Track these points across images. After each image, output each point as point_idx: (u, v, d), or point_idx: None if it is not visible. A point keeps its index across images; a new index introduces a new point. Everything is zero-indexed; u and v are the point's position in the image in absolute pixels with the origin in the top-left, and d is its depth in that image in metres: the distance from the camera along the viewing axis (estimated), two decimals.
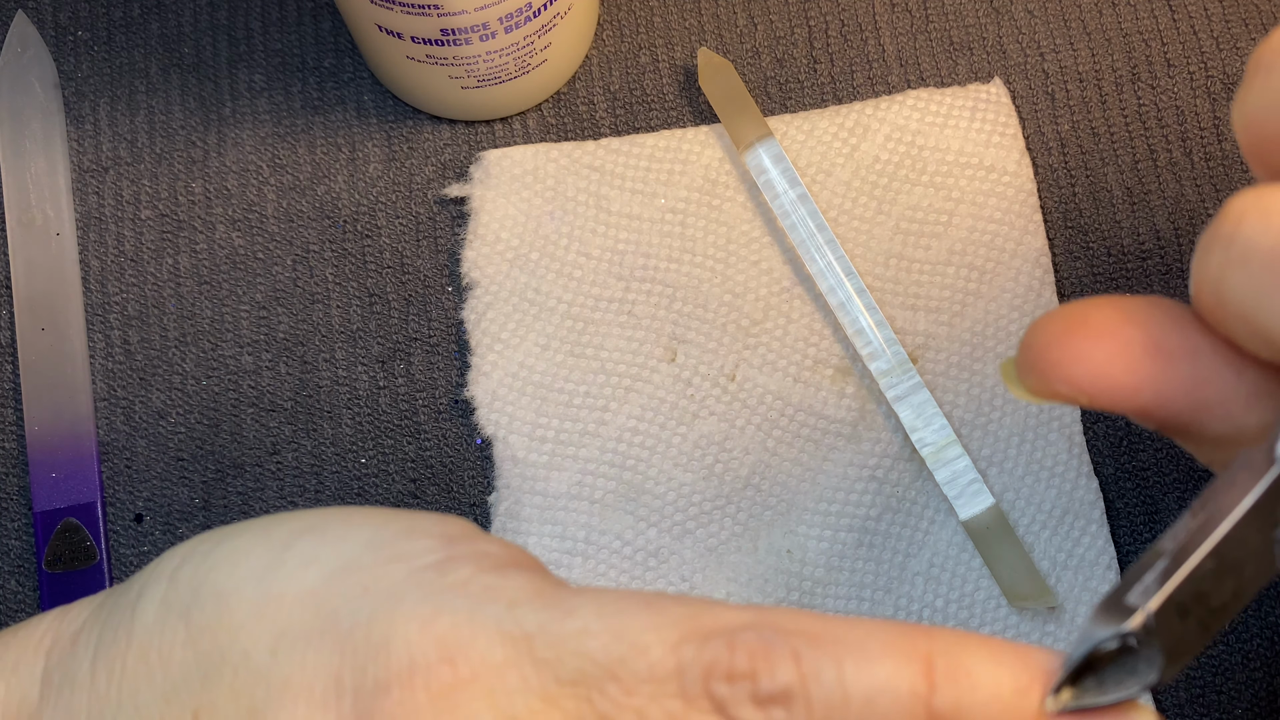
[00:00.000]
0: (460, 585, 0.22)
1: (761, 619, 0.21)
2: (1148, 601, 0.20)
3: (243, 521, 0.25)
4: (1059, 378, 0.22)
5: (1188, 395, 0.21)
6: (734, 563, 0.38)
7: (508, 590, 0.22)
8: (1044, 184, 0.42)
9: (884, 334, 0.39)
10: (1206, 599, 0.20)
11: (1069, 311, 0.22)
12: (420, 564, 0.22)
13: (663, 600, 0.22)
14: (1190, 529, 0.21)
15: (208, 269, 0.41)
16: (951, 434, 0.38)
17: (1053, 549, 0.38)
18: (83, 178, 0.42)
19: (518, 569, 0.23)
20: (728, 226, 0.41)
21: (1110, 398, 0.22)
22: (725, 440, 0.39)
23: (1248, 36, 0.43)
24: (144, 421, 0.40)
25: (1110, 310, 0.22)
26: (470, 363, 0.40)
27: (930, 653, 0.20)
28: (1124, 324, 0.22)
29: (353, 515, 0.24)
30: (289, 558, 0.23)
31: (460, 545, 0.23)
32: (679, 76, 0.43)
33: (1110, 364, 0.21)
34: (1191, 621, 0.20)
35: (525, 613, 0.21)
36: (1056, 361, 0.22)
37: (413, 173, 0.42)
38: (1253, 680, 0.38)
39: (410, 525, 0.23)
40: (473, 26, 0.37)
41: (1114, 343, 0.21)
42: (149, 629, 0.23)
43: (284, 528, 0.24)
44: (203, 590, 0.23)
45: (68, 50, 0.43)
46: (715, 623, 0.21)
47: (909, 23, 0.43)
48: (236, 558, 0.23)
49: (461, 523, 0.24)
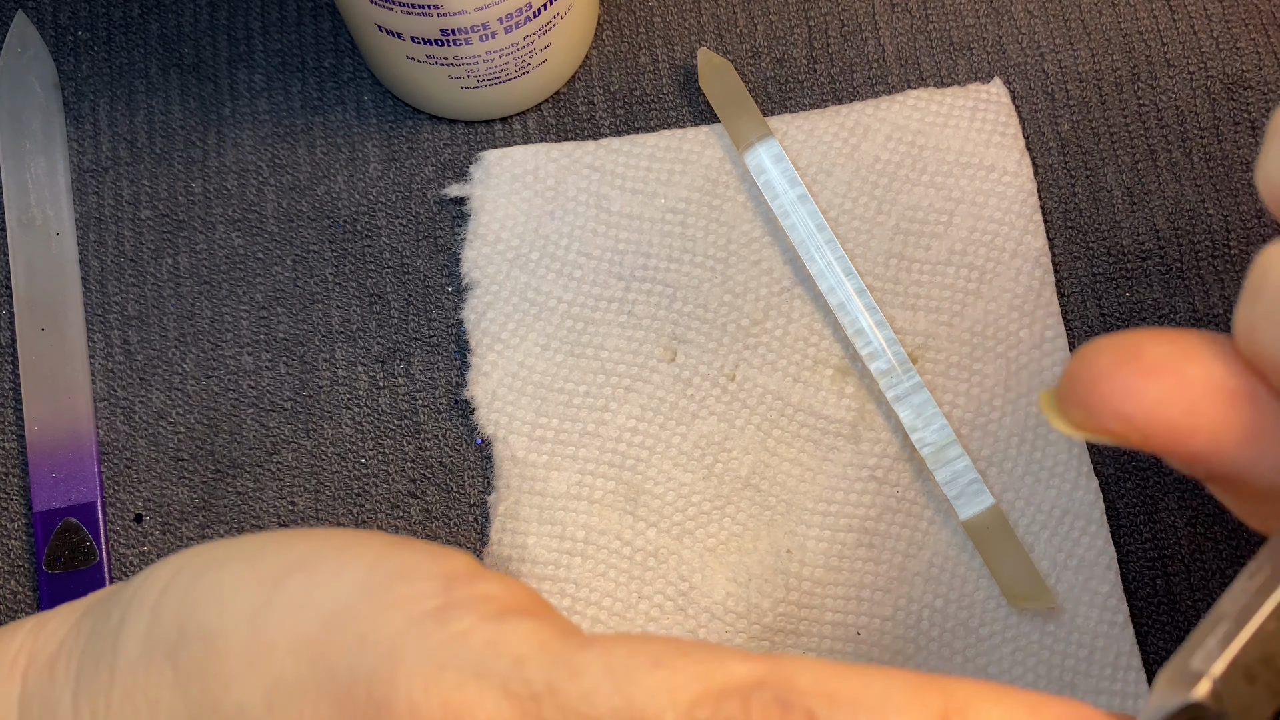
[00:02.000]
0: (462, 637, 0.21)
1: (775, 674, 0.20)
2: (1212, 666, 0.19)
3: (226, 543, 0.24)
4: (1110, 413, 0.20)
5: (1244, 442, 0.20)
6: (734, 563, 0.38)
7: (512, 644, 0.21)
8: (1044, 184, 0.42)
9: (884, 334, 0.39)
10: (1273, 661, 0.20)
11: (1120, 343, 0.21)
12: (419, 611, 0.22)
13: (672, 655, 0.21)
14: (1249, 589, 0.20)
15: (208, 269, 0.41)
16: (951, 434, 0.38)
17: (1053, 549, 0.38)
18: (83, 178, 0.42)
19: (521, 616, 0.22)
20: (728, 226, 0.41)
21: (1164, 438, 0.20)
22: (725, 440, 0.39)
23: (1248, 36, 0.43)
24: (144, 421, 0.40)
25: (1167, 345, 0.20)
26: (470, 363, 0.40)
27: (947, 710, 0.20)
28: (1183, 360, 0.20)
29: (345, 549, 0.23)
30: (279, 599, 0.22)
31: (459, 588, 0.22)
32: (679, 76, 0.43)
33: (1168, 402, 0.20)
34: (1260, 685, 0.20)
35: (532, 671, 0.21)
36: (1107, 395, 0.20)
37: (413, 173, 0.42)
38: None
39: (406, 563, 0.23)
40: (473, 26, 0.37)
41: (1172, 379, 0.20)
42: (133, 666, 0.23)
43: (272, 560, 0.23)
44: (189, 629, 0.22)
45: (68, 50, 0.43)
46: (728, 680, 0.20)
47: (909, 23, 0.43)
48: (223, 595, 0.22)
49: (459, 557, 0.23)
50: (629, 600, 0.38)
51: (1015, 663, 0.37)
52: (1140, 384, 0.20)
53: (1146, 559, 0.39)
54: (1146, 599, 0.38)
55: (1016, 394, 0.39)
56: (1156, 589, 0.38)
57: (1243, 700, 0.20)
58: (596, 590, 0.38)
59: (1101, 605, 0.37)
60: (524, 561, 0.38)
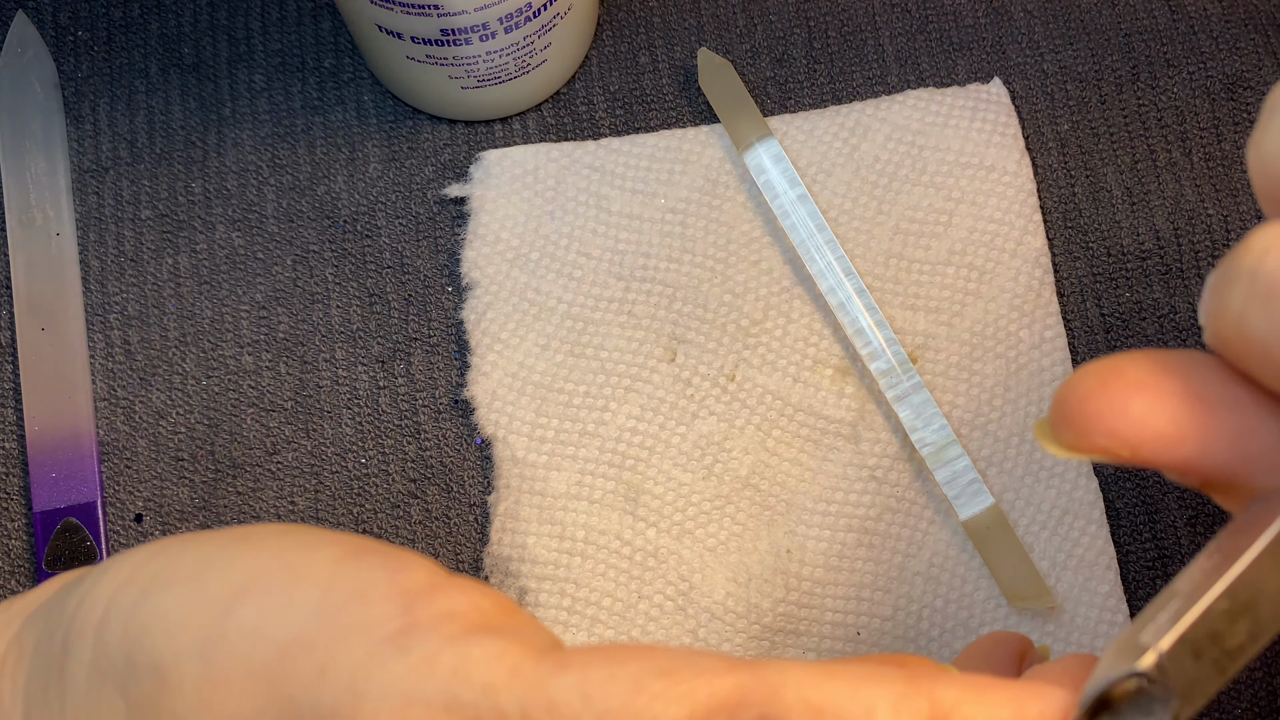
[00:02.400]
0: (427, 664, 0.20)
1: (760, 687, 0.20)
2: (1159, 640, 0.20)
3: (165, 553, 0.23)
4: (1099, 430, 0.21)
5: (1232, 447, 0.21)
6: (734, 563, 0.38)
7: (481, 670, 0.20)
8: (1044, 184, 0.42)
9: (884, 334, 0.39)
10: (1221, 640, 0.20)
11: (1103, 366, 0.21)
12: (379, 636, 0.21)
13: (652, 676, 0.20)
14: (1205, 569, 0.21)
15: (208, 269, 0.41)
16: (951, 434, 0.38)
17: (1052, 549, 0.38)
18: (83, 178, 0.42)
19: (488, 635, 0.21)
20: (728, 226, 0.41)
21: (1153, 449, 0.21)
22: (725, 440, 0.39)
23: (1247, 36, 0.43)
24: (144, 421, 0.40)
25: (1146, 363, 0.21)
26: (470, 363, 0.40)
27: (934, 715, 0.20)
28: (1162, 375, 0.21)
29: (296, 567, 0.22)
30: (230, 628, 0.21)
31: (420, 607, 0.21)
32: (679, 76, 0.43)
33: (1152, 415, 0.21)
34: (1206, 662, 0.20)
35: (505, 700, 0.20)
36: (1095, 414, 0.21)
37: (413, 173, 0.42)
38: (1253, 680, 0.38)
39: (361, 582, 0.21)
40: (473, 26, 0.37)
41: (1154, 394, 0.21)
42: (82, 695, 0.22)
43: (219, 582, 0.22)
44: (136, 659, 0.22)
45: (68, 50, 0.43)
46: (711, 699, 0.20)
47: (909, 23, 0.43)
48: (170, 624, 0.22)
49: (418, 568, 0.22)
50: (629, 600, 0.38)
51: None
52: (1124, 399, 0.21)
53: (1146, 559, 0.39)
54: (1146, 599, 0.38)
55: (1016, 394, 0.39)
56: (1156, 589, 0.38)
57: (1187, 675, 0.20)
58: (596, 590, 0.38)
59: (1101, 605, 0.37)
60: (524, 561, 0.38)
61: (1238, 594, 0.20)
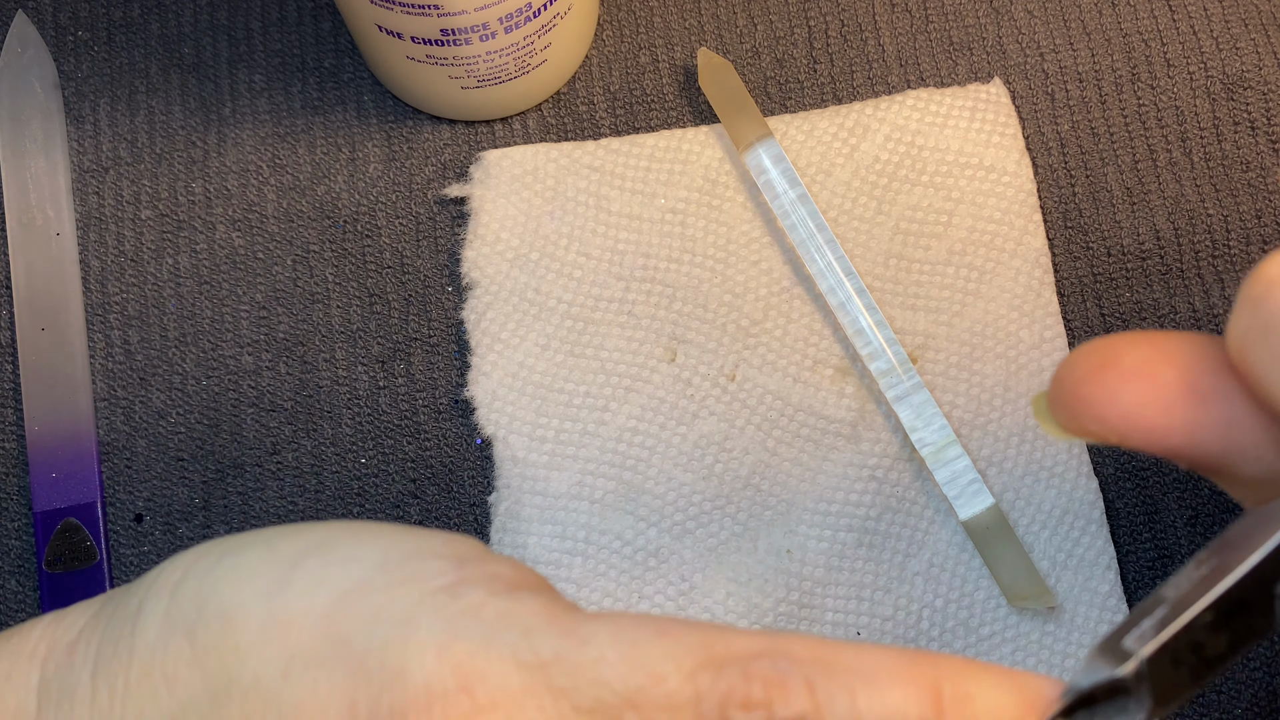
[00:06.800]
0: (474, 610, 0.22)
1: (775, 646, 0.21)
2: (1142, 649, 0.20)
3: (245, 534, 0.25)
4: (1090, 416, 0.22)
5: (1221, 438, 0.21)
6: (734, 563, 0.38)
7: (522, 616, 0.22)
8: (1044, 184, 0.42)
9: (884, 334, 0.39)
10: (1201, 649, 0.20)
11: (1102, 347, 0.22)
12: (432, 586, 0.22)
13: (675, 626, 0.22)
14: (1194, 579, 0.21)
15: (208, 269, 0.41)
16: (951, 434, 0.38)
17: (1052, 549, 0.38)
18: (83, 178, 0.42)
19: (529, 591, 0.23)
20: (728, 226, 0.41)
21: (1142, 438, 0.21)
22: (725, 440, 0.39)
23: (1248, 36, 0.43)
24: (144, 421, 0.40)
25: (1145, 348, 0.21)
26: (470, 363, 0.40)
27: (937, 680, 0.21)
28: (1158, 363, 0.21)
29: (361, 533, 0.24)
30: (297, 577, 0.23)
31: (471, 567, 0.23)
32: (679, 76, 0.43)
33: (1143, 404, 0.21)
34: (1184, 670, 0.20)
35: (541, 640, 0.21)
36: (1088, 399, 0.21)
37: (413, 173, 0.42)
38: (1253, 680, 0.38)
39: (420, 545, 0.23)
40: (473, 26, 0.37)
41: (1147, 383, 0.21)
42: (151, 645, 0.23)
43: (290, 544, 0.24)
44: (207, 608, 0.23)
45: (68, 50, 0.43)
46: (729, 650, 0.21)
47: (909, 23, 0.43)
48: (241, 575, 0.23)
49: (470, 542, 0.24)
50: (629, 600, 0.38)
51: (1015, 662, 0.37)
52: (1117, 387, 0.21)
53: (1146, 559, 0.39)
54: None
55: (1016, 394, 0.39)
56: (1156, 589, 0.38)
57: (1165, 680, 0.20)
58: (596, 590, 0.38)
59: (1101, 605, 0.37)
60: (524, 561, 0.38)
61: (1222, 608, 0.20)
